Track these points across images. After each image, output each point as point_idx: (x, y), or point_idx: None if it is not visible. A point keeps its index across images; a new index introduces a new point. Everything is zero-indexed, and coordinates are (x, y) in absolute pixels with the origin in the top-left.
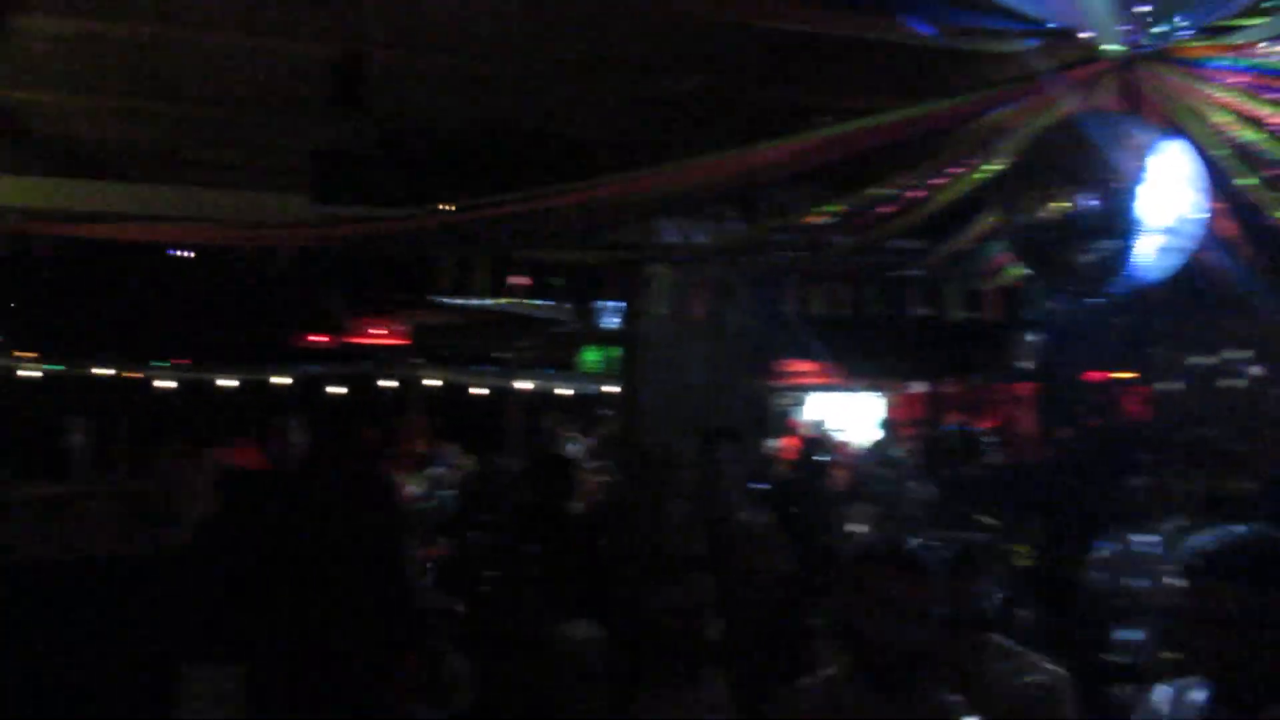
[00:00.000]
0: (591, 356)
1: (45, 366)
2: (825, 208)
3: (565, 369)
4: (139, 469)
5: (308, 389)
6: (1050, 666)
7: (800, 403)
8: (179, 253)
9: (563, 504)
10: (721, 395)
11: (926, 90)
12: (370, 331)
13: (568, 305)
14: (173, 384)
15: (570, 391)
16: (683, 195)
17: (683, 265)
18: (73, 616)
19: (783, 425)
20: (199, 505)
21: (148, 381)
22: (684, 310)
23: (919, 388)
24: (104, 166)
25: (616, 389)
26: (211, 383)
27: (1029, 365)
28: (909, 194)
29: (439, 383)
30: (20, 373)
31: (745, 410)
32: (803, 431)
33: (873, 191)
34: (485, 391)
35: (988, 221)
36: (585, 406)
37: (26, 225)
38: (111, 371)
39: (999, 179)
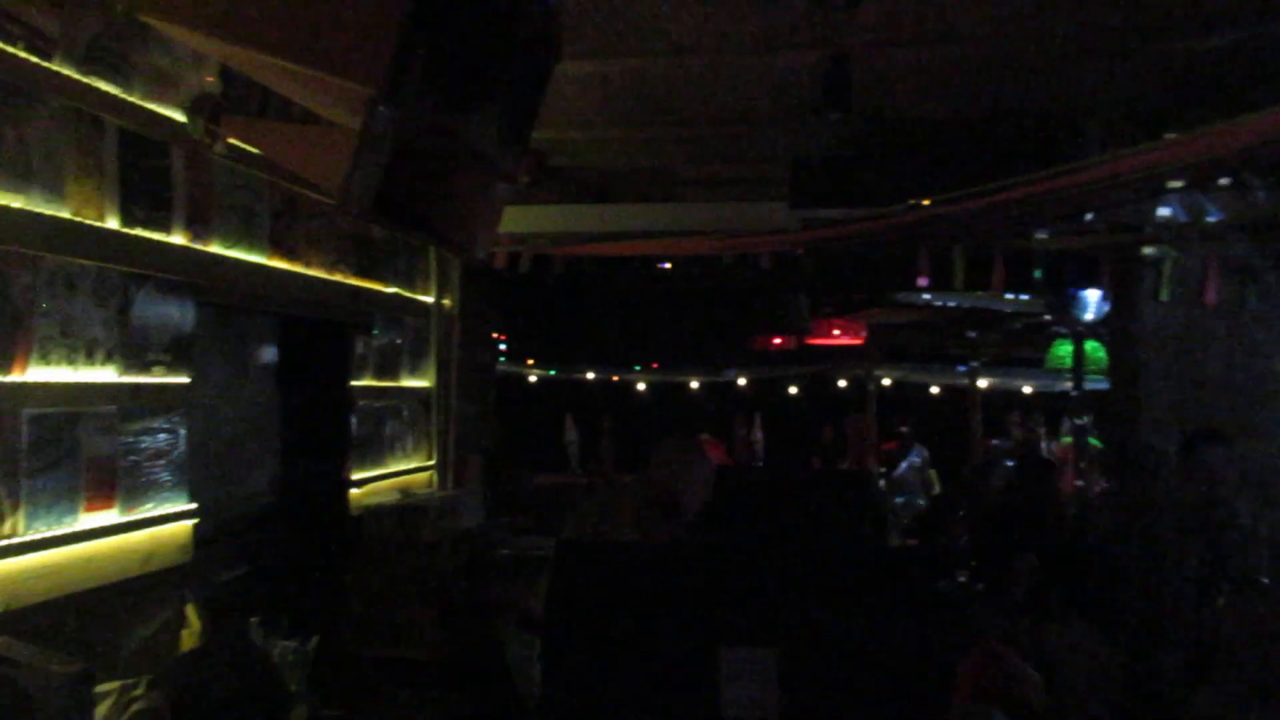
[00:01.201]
0: (1063, 351)
1: (543, 372)
2: None
3: (1031, 365)
4: (624, 462)
5: (766, 389)
6: None
7: None
8: (664, 265)
9: (1046, 507)
10: (1240, 392)
11: None
12: (832, 333)
13: (1039, 299)
14: (644, 386)
15: (1031, 389)
16: (1198, 166)
17: (1194, 246)
18: (624, 599)
19: None
20: (700, 496)
21: (625, 384)
22: (1194, 297)
23: None
24: (609, 191)
25: (1093, 387)
26: (680, 384)
27: None
28: None
29: (896, 382)
30: (530, 378)
31: (1264, 410)
32: None
33: None
34: (944, 390)
35: None
36: (1053, 405)
37: (546, 249)
38: (593, 376)
39: None
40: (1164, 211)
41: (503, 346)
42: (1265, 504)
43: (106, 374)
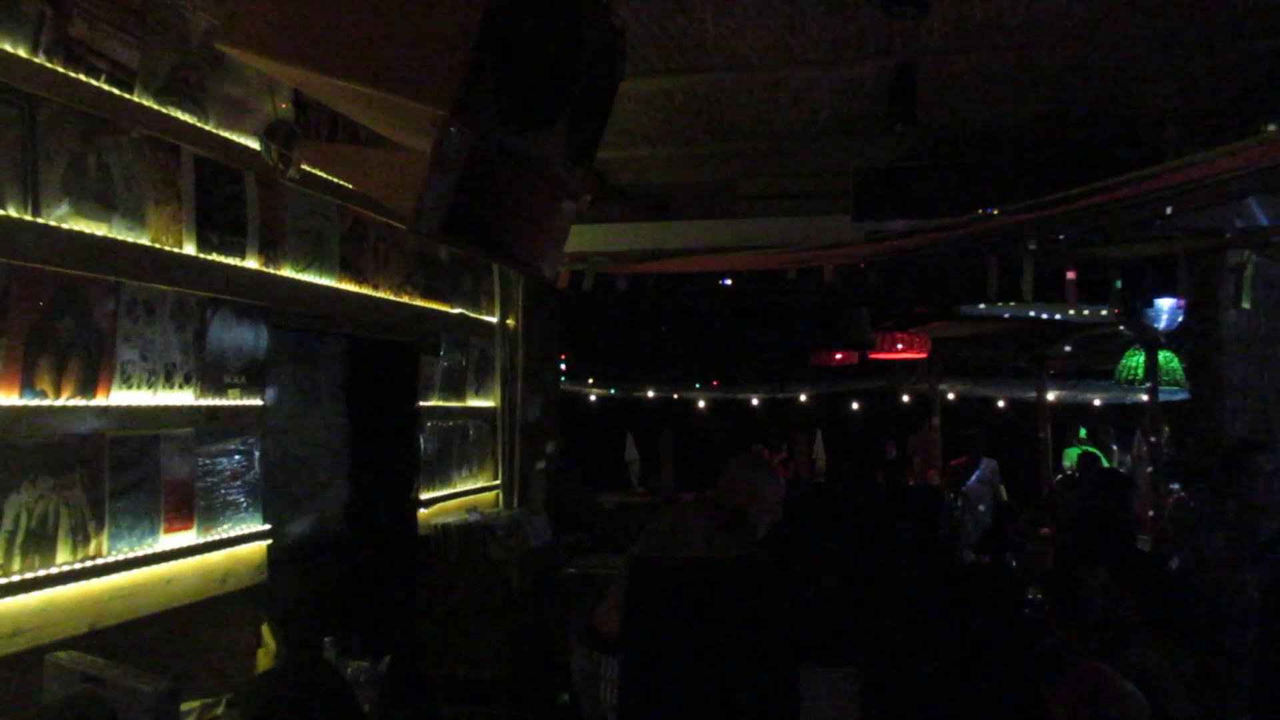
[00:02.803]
0: (1135, 361)
1: (604, 391)
2: None
3: (1102, 377)
4: (684, 480)
5: (827, 404)
6: None
7: None
8: (725, 281)
9: (1122, 522)
10: None
11: None
12: (895, 347)
13: (1109, 309)
14: (704, 403)
15: (1101, 401)
16: (1276, 169)
17: (1276, 251)
18: (700, 617)
19: None
20: (770, 514)
21: (686, 401)
22: (1277, 303)
23: None
24: (670, 208)
25: (1168, 397)
26: (740, 401)
27: None
28: None
29: (962, 396)
30: (590, 397)
31: None
32: None
33: None
34: (1010, 404)
35: None
36: (1126, 417)
37: (608, 267)
38: (653, 394)
39: None
40: (1244, 215)
41: (563, 366)
42: None
43: (184, 397)
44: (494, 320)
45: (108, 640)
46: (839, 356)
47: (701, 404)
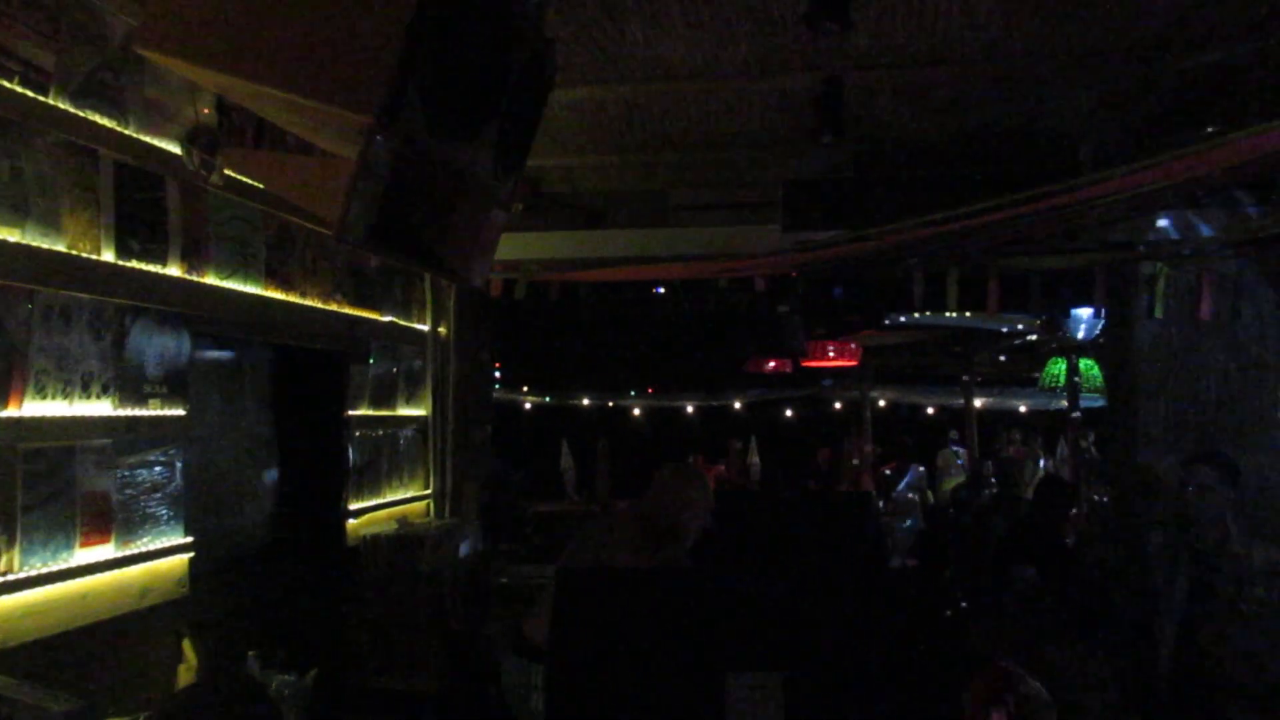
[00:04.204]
0: (1057, 369)
1: (538, 399)
2: None
3: (1025, 385)
4: (620, 488)
5: (761, 411)
6: None
7: None
8: (658, 290)
9: (1059, 528)
10: (1235, 408)
11: None
12: (827, 354)
13: (1034, 318)
14: (640, 411)
15: (1026, 408)
16: (1188, 184)
17: (1187, 263)
18: (627, 625)
19: None
20: (700, 522)
21: (621, 409)
22: (1189, 313)
23: None
24: (603, 217)
25: (1089, 404)
26: (675, 408)
27: None
28: None
29: (892, 403)
30: (525, 405)
31: (1260, 424)
32: None
33: None
34: (939, 410)
35: None
36: (1050, 424)
37: (541, 275)
38: (588, 402)
39: None
40: (1157, 228)
41: (498, 374)
42: (1259, 524)
43: (103, 407)
44: (425, 328)
45: (19, 659)
46: (772, 364)
47: (637, 411)
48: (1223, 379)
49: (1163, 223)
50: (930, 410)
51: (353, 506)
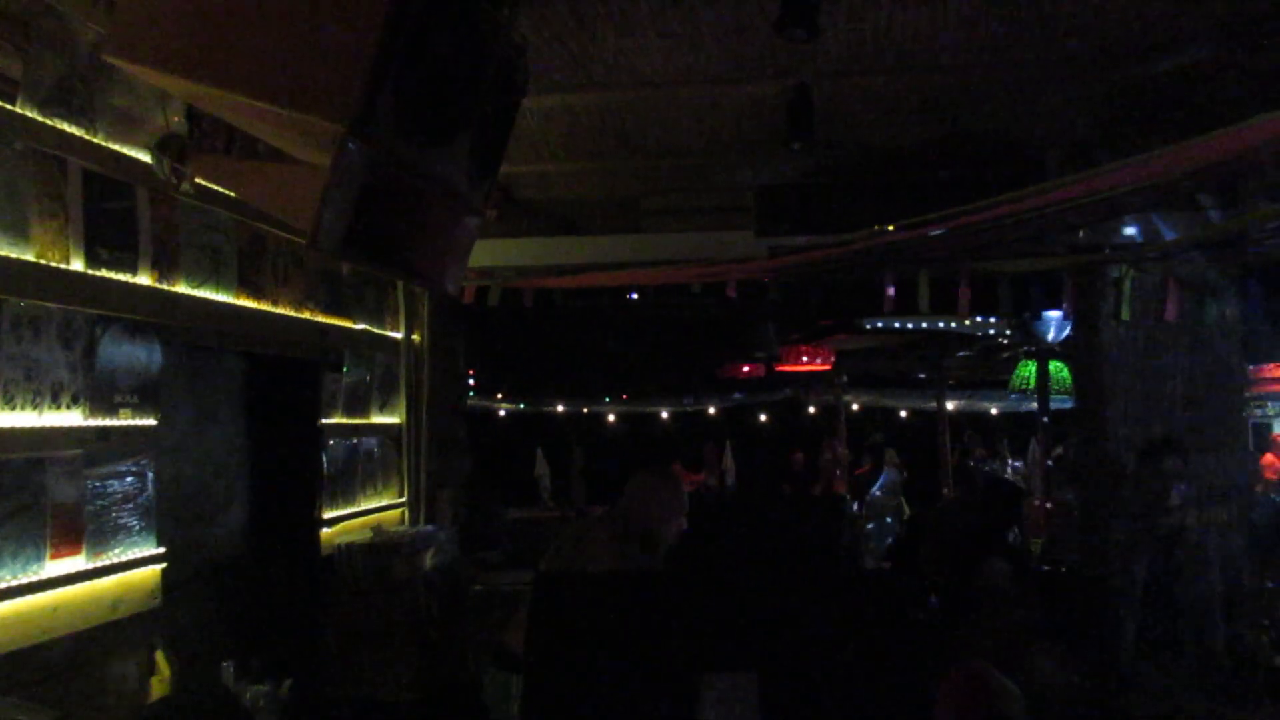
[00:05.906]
0: (1027, 372)
1: (512, 406)
2: None
3: (997, 387)
4: (595, 494)
5: (736, 416)
6: None
7: None
8: (632, 296)
9: (1007, 532)
10: (1201, 407)
11: None
12: (800, 359)
13: (1003, 321)
14: (614, 417)
15: (997, 411)
16: (1155, 188)
17: (1152, 265)
18: (603, 629)
19: (1266, 440)
20: (675, 526)
21: (596, 416)
22: (1155, 315)
23: None
24: (576, 223)
25: (1059, 406)
26: (650, 414)
27: None
28: None
29: (866, 406)
30: (500, 412)
31: (1224, 423)
32: None
33: None
34: (912, 413)
35: None
36: (1021, 426)
37: (514, 282)
38: (563, 408)
39: None
40: (1122, 232)
41: (472, 381)
42: (1223, 517)
43: (72, 418)
44: (399, 336)
45: None
46: (746, 369)
47: (612, 418)
48: (1188, 379)
49: (1127, 227)
50: (904, 414)
51: (327, 515)
